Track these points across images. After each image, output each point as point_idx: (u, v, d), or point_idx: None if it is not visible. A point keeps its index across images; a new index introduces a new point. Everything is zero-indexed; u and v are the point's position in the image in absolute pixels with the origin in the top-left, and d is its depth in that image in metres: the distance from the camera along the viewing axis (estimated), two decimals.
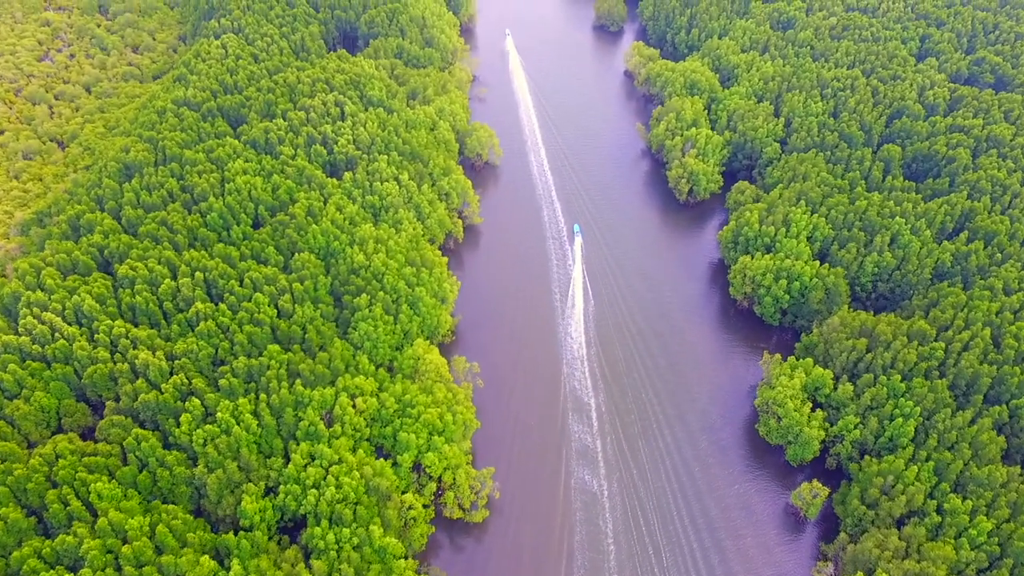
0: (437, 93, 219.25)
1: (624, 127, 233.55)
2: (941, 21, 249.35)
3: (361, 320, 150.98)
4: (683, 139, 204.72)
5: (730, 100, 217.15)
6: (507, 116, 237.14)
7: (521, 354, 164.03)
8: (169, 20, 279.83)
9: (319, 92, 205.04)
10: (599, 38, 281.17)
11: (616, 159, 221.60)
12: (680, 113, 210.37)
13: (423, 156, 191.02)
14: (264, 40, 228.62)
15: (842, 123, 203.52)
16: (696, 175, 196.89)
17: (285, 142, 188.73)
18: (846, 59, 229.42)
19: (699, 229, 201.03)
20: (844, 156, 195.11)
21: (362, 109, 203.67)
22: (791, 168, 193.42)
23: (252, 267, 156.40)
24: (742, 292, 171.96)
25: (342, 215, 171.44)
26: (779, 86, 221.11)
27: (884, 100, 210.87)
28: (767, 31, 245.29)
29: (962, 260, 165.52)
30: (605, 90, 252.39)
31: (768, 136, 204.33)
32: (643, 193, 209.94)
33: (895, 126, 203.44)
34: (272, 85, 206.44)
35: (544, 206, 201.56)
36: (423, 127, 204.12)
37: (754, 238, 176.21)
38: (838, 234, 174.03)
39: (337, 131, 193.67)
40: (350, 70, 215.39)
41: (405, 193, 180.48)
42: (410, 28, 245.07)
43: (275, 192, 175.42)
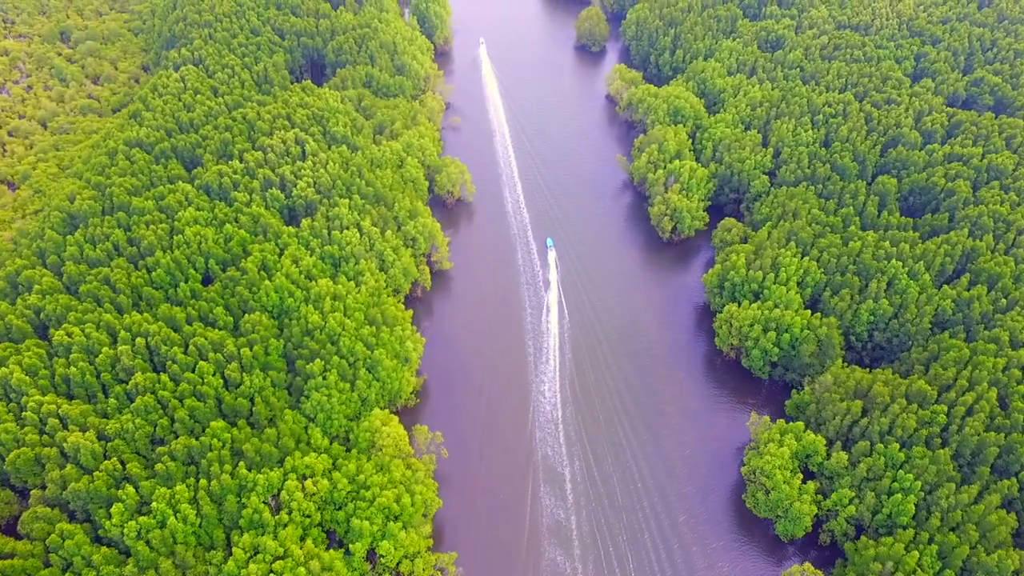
0: (406, 126, 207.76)
1: (605, 156, 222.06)
2: (936, 38, 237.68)
3: (314, 389, 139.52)
4: (666, 172, 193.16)
5: (716, 129, 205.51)
6: (482, 145, 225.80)
7: (490, 417, 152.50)
8: (133, 48, 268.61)
9: (279, 129, 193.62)
10: (580, 59, 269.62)
11: (596, 192, 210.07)
12: (663, 144, 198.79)
13: (388, 199, 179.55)
14: (225, 72, 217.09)
15: (834, 153, 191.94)
16: (680, 212, 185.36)
17: (240, 186, 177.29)
18: (838, 82, 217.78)
19: (684, 269, 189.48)
20: (836, 190, 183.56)
21: (324, 147, 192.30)
22: (780, 204, 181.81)
23: (198, 330, 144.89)
24: (728, 344, 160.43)
25: (298, 268, 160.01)
26: (767, 112, 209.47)
27: (878, 127, 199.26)
28: (754, 52, 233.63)
29: (964, 307, 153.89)
30: (586, 115, 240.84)
31: (756, 168, 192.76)
32: (625, 229, 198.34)
33: (890, 155, 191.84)
34: (230, 123, 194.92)
35: (519, 247, 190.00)
36: (389, 165, 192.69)
37: (741, 284, 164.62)
38: (831, 279, 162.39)
39: (297, 172, 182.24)
40: (313, 104, 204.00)
41: (367, 241, 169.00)
42: (380, 55, 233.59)
43: (227, 244, 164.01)
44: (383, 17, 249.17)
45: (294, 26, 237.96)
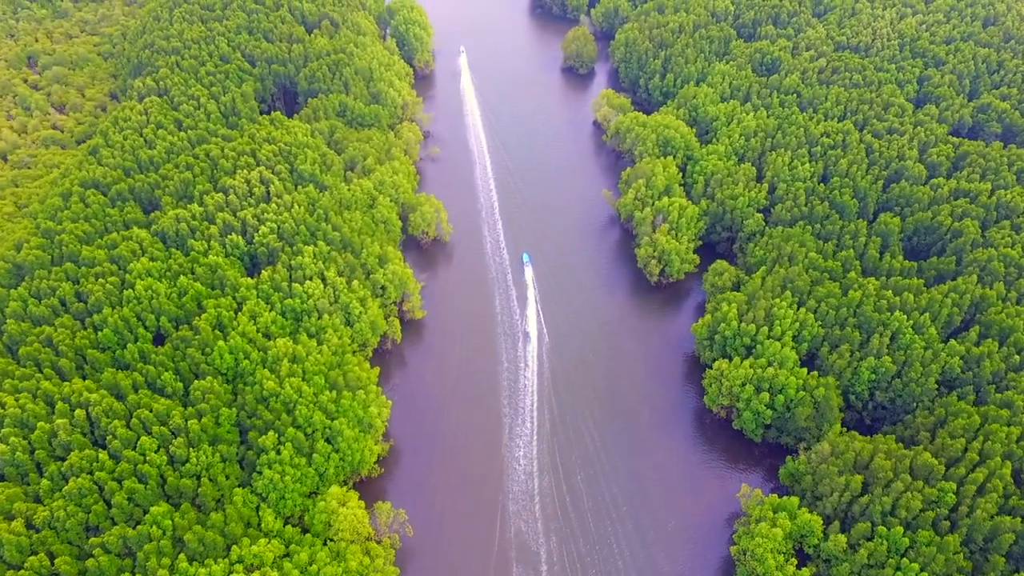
0: (379, 161, 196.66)
1: (591, 188, 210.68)
2: (940, 60, 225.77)
3: (266, 465, 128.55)
4: (654, 211, 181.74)
5: (708, 161, 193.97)
6: (462, 178, 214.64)
7: (460, 488, 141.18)
8: (101, 73, 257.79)
9: (243, 168, 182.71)
10: (567, 82, 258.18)
11: (581, 228, 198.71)
12: (651, 179, 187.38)
13: (355, 245, 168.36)
14: (190, 103, 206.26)
15: (833, 189, 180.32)
16: (668, 255, 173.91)
17: (198, 233, 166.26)
18: (836, 108, 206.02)
19: (673, 314, 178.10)
20: (836, 229, 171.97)
21: (291, 186, 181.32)
22: (775, 246, 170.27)
23: (143, 399, 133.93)
24: (718, 404, 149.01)
25: (255, 326, 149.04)
26: (762, 143, 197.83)
27: (880, 160, 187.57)
28: (749, 76, 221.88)
29: (973, 365, 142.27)
30: (571, 143, 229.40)
31: (750, 206, 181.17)
32: (611, 271, 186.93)
33: (893, 191, 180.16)
34: (192, 161, 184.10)
35: (497, 293, 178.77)
36: (359, 206, 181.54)
37: (732, 337, 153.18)
38: (829, 333, 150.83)
39: (260, 215, 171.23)
40: (281, 138, 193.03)
41: (331, 293, 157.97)
42: (355, 82, 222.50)
43: (181, 299, 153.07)
44: (359, 41, 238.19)
45: (265, 52, 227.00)
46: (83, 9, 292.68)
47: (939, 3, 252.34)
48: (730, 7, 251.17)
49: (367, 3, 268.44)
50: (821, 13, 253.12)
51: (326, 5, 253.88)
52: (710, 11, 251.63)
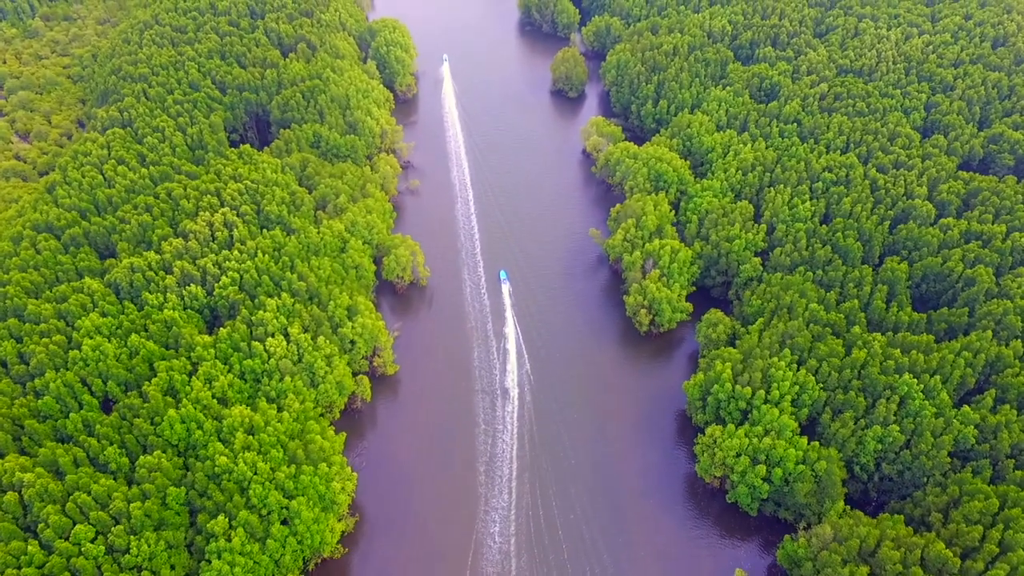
0: (353, 198, 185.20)
1: (579, 223, 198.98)
2: (948, 85, 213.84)
3: (215, 554, 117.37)
4: (643, 254, 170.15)
5: (702, 198, 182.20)
6: (442, 213, 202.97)
7: (430, 569, 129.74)
8: (70, 98, 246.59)
9: (206, 209, 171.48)
10: (556, 106, 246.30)
11: (567, 268, 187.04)
12: (641, 219, 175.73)
13: (323, 296, 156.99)
14: (155, 136, 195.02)
15: (836, 231, 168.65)
16: (659, 304, 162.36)
17: (153, 285, 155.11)
18: (839, 139, 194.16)
19: (664, 366, 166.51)
20: (838, 276, 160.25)
21: (256, 230, 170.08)
22: (774, 296, 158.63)
23: (84, 478, 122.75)
24: (711, 474, 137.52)
25: (211, 390, 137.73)
26: (760, 178, 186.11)
27: (886, 198, 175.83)
28: (746, 103, 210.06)
29: (989, 435, 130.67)
30: (560, 173, 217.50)
31: (747, 249, 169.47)
32: (598, 315, 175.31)
33: (900, 233, 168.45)
34: (152, 201, 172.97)
35: (476, 343, 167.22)
36: (329, 251, 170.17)
37: (727, 400, 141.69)
38: (831, 397, 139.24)
39: (221, 263, 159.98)
40: (248, 176, 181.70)
41: (295, 351, 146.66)
42: (330, 110, 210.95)
43: (131, 359, 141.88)
44: (337, 65, 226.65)
45: (237, 79, 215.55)
46: (54, 28, 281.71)
47: (946, 22, 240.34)
48: (727, 27, 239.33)
49: (347, 23, 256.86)
50: (823, 33, 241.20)
51: (304, 26, 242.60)
52: (706, 31, 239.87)
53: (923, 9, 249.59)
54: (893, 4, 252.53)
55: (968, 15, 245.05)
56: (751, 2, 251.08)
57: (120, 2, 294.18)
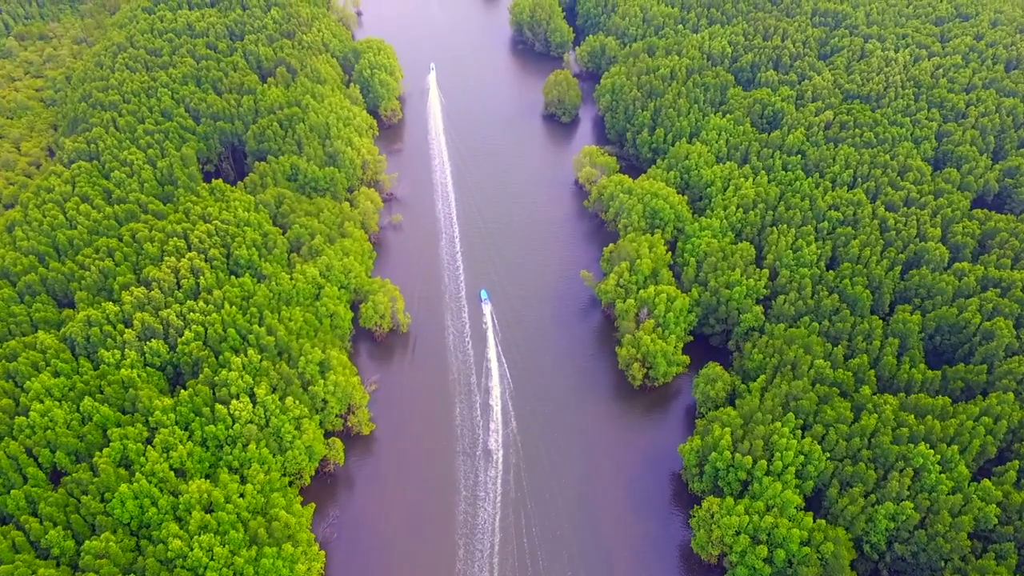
0: (330, 239, 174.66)
1: (571, 261, 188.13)
2: (960, 112, 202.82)
3: None
4: (638, 302, 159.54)
5: (700, 239, 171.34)
6: (426, 252, 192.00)
7: None
8: (40, 123, 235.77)
9: (172, 254, 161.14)
10: (549, 131, 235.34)
11: (556, 312, 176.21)
12: (635, 263, 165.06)
13: (293, 351, 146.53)
14: (123, 170, 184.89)
15: (843, 277, 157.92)
16: (653, 357, 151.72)
17: (111, 340, 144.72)
18: (846, 173, 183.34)
19: (658, 422, 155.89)
20: (846, 328, 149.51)
21: (225, 276, 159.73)
22: (776, 350, 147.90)
23: (21, 568, 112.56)
24: (708, 551, 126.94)
25: (168, 460, 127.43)
26: (762, 216, 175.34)
27: (896, 240, 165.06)
28: (748, 132, 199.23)
29: (1013, 514, 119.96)
30: (551, 205, 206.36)
31: (748, 296, 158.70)
32: (590, 364, 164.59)
33: (912, 280, 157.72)
34: (115, 245, 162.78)
35: (458, 399, 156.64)
36: (302, 298, 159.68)
37: (725, 469, 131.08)
38: (838, 468, 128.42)
39: (185, 315, 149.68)
40: (217, 215, 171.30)
41: (262, 414, 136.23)
42: (309, 140, 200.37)
43: (84, 426, 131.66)
44: (317, 91, 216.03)
45: (212, 107, 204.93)
46: (28, 48, 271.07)
47: (956, 43, 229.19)
48: (727, 49, 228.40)
49: (331, 44, 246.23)
50: (827, 55, 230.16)
51: (284, 48, 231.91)
52: (705, 53, 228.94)
53: (932, 29, 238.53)
54: (900, 24, 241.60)
55: (979, 35, 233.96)
56: (752, 22, 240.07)
57: (98, 20, 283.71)
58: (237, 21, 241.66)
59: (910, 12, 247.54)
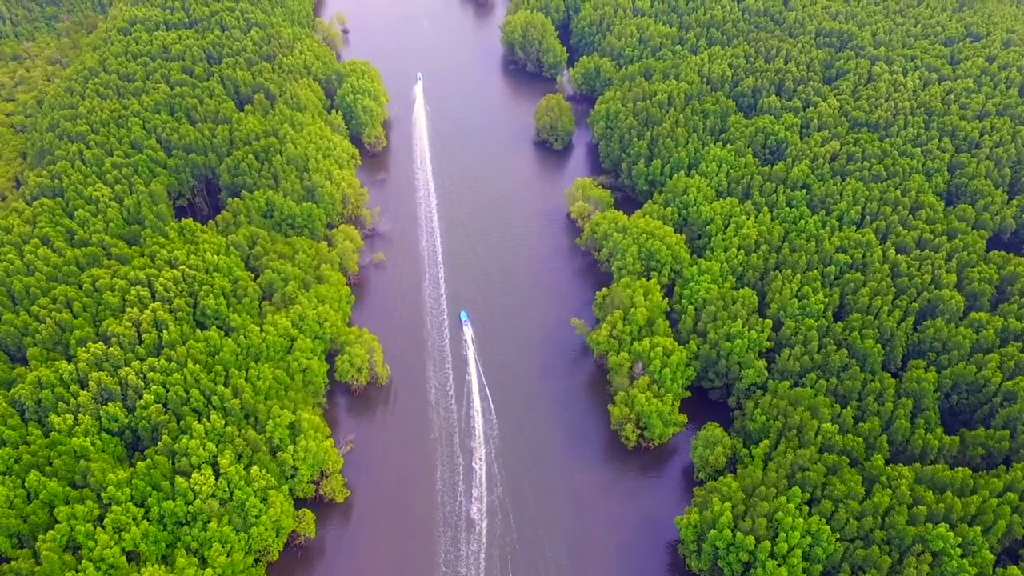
0: (305, 283, 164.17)
1: (561, 305, 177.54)
2: (974, 141, 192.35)
3: None
4: (632, 356, 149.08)
5: (699, 284, 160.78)
6: (408, 295, 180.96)
7: None
8: (9, 152, 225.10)
9: (134, 304, 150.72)
10: (540, 158, 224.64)
11: (547, 362, 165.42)
12: (630, 312, 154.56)
13: (260, 414, 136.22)
14: (88, 208, 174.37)
15: (852, 329, 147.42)
16: (648, 417, 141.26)
17: (64, 402, 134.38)
18: (854, 210, 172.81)
19: (654, 485, 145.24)
20: (855, 387, 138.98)
21: (190, 329, 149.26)
22: (781, 412, 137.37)
23: None
24: None
25: (120, 543, 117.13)
26: (765, 259, 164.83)
27: (909, 287, 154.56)
28: (749, 164, 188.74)
29: None
30: (542, 241, 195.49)
31: (750, 350, 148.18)
32: (580, 423, 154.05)
33: (926, 332, 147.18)
34: (74, 294, 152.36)
35: (440, 459, 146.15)
36: (272, 353, 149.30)
37: (725, 548, 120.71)
38: (849, 550, 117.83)
39: (145, 373, 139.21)
40: (185, 260, 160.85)
41: (225, 487, 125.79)
42: (286, 174, 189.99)
43: (29, 504, 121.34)
44: (296, 119, 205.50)
45: (184, 138, 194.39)
46: (0, 70, 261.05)
47: (967, 65, 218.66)
48: (727, 72, 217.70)
49: (313, 66, 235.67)
50: (832, 78, 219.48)
51: (263, 73, 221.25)
52: (704, 77, 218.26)
53: (941, 49, 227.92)
54: (908, 44, 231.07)
55: (991, 57, 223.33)
56: (753, 43, 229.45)
57: (74, 40, 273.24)
58: (215, 43, 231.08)
59: (918, 32, 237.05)
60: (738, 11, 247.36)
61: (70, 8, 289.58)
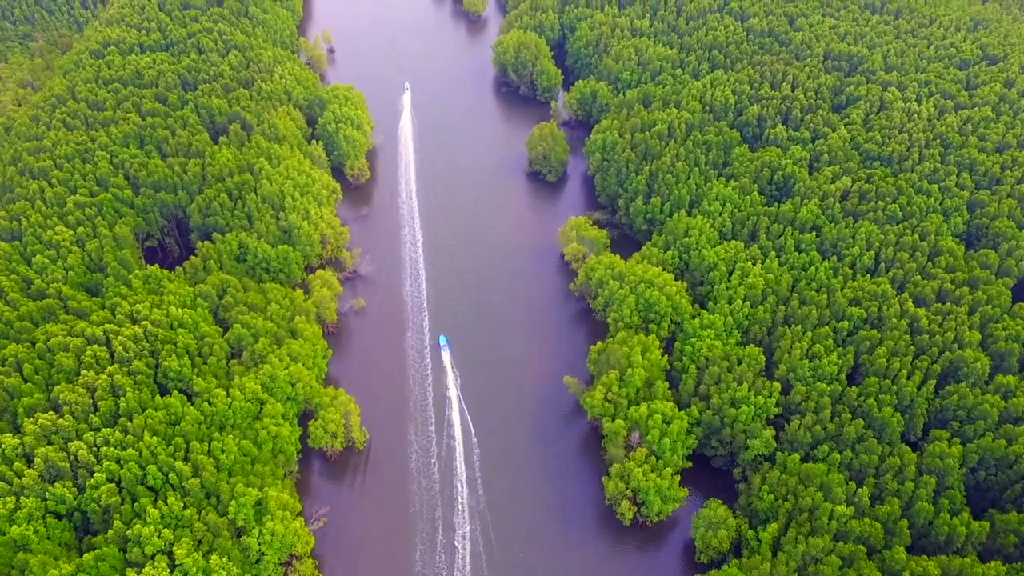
0: (277, 339, 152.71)
1: (554, 355, 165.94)
2: (995, 177, 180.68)
3: None
4: (628, 423, 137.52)
5: (701, 340, 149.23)
6: (389, 342, 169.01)
7: None
8: None
9: (90, 366, 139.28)
10: (533, 191, 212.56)
11: (537, 422, 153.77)
12: (626, 374, 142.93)
13: (223, 493, 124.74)
14: (47, 254, 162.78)
15: (868, 394, 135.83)
16: (646, 493, 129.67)
17: (6, 482, 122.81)
18: (867, 256, 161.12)
19: (652, 566, 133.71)
20: (872, 462, 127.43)
21: (149, 395, 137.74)
22: (791, 490, 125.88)
23: None
24: None
25: None
26: (772, 312, 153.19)
27: (930, 346, 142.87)
28: (755, 203, 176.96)
29: None
30: (534, 286, 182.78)
31: (756, 417, 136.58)
32: (573, 495, 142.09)
33: (949, 399, 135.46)
34: (25, 355, 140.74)
35: (420, 537, 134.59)
36: (240, 418, 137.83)
37: None
38: None
39: (98, 448, 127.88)
40: (146, 315, 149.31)
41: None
42: (261, 214, 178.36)
43: None
44: (274, 152, 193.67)
45: (153, 174, 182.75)
46: None
47: (984, 91, 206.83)
48: (730, 99, 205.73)
49: (294, 91, 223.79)
50: (842, 105, 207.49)
51: (241, 100, 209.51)
52: (706, 104, 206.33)
53: (956, 73, 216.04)
54: (921, 68, 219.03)
55: (1009, 82, 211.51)
56: (758, 66, 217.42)
57: (48, 61, 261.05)
58: (191, 68, 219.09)
59: (931, 54, 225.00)
60: (742, 31, 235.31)
61: (45, 26, 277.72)
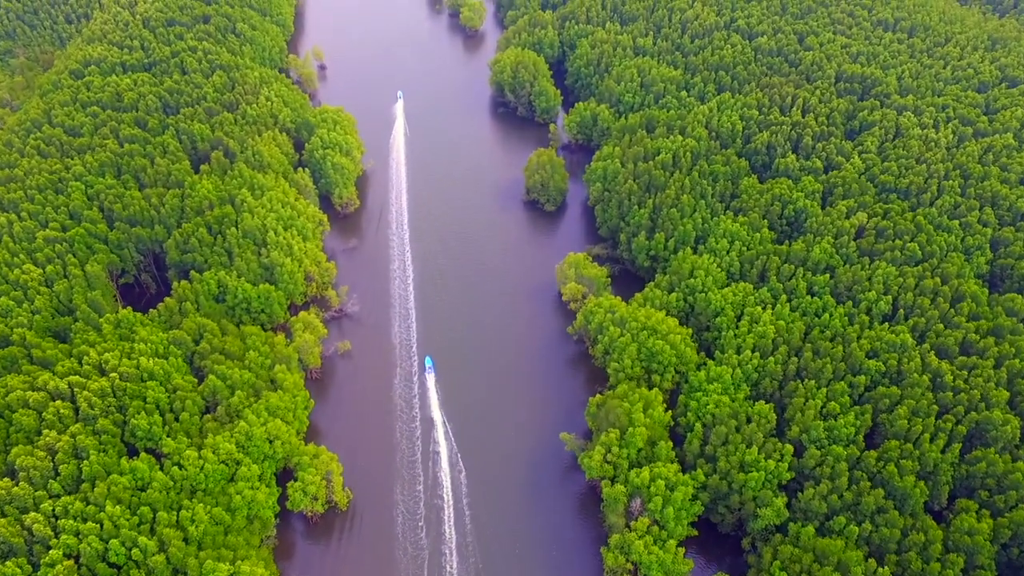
0: (255, 393, 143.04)
1: (550, 405, 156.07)
2: (1019, 212, 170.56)
3: None
4: (629, 489, 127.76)
5: (709, 396, 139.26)
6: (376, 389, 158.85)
7: None
8: None
9: (52, 425, 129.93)
10: (531, 222, 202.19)
11: (533, 478, 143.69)
12: (627, 433, 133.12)
13: (191, 570, 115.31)
14: (14, 295, 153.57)
15: (887, 460, 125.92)
16: (648, 568, 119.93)
17: None
18: (883, 300, 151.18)
19: None
20: (894, 538, 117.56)
21: (115, 458, 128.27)
22: (805, 568, 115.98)
23: None
24: None
25: None
26: (783, 364, 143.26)
27: (953, 405, 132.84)
28: (765, 241, 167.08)
29: None
30: (529, 327, 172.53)
31: (766, 484, 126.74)
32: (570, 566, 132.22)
33: (977, 466, 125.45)
34: None
35: None
36: (212, 481, 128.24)
37: None
38: None
39: (58, 515, 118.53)
40: (115, 366, 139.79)
41: None
42: (242, 249, 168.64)
43: None
44: (257, 182, 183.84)
45: (128, 207, 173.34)
46: None
47: (1005, 116, 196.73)
48: (738, 125, 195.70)
49: (281, 114, 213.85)
50: (855, 131, 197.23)
51: (224, 125, 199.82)
52: (712, 131, 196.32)
53: (975, 96, 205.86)
54: (938, 91, 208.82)
55: None
56: (767, 89, 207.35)
57: (28, 79, 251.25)
58: (173, 89, 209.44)
59: (948, 75, 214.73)
60: (750, 51, 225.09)
61: (27, 42, 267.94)
